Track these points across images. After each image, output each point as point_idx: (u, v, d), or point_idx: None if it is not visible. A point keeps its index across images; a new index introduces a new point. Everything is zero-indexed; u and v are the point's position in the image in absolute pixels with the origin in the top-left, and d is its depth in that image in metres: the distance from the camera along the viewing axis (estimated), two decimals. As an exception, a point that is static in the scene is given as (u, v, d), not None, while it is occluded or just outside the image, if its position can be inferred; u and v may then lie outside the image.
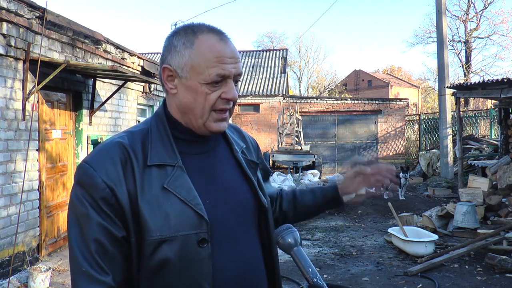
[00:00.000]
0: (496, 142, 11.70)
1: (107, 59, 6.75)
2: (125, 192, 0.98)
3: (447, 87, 11.22)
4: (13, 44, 4.67)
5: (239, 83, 1.28)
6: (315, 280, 0.93)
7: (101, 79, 6.61)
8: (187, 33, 1.06)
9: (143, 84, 8.12)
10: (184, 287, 0.99)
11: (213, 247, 1.02)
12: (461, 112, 10.68)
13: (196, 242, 0.99)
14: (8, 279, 4.36)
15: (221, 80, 1.04)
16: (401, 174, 9.78)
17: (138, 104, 8.30)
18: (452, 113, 12.78)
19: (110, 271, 0.96)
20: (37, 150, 5.20)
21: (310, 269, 0.95)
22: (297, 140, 14.41)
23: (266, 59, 20.40)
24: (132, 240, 0.99)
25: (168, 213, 0.98)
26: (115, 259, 0.97)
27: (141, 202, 0.98)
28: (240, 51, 20.94)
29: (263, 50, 22.46)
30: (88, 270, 0.94)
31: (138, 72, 7.65)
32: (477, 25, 26.78)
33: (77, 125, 6.28)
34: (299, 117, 14.78)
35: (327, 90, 43.13)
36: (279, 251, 1.14)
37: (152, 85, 8.63)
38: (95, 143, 6.49)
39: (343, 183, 1.35)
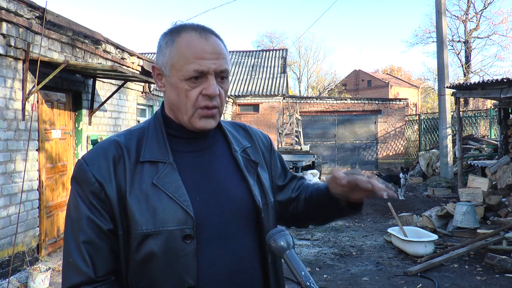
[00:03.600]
0: (496, 142, 11.71)
1: (106, 59, 6.75)
2: (114, 188, 1.02)
3: (447, 87, 11.23)
4: (12, 44, 4.67)
5: (230, 80, 1.23)
6: (308, 283, 0.93)
7: (100, 79, 6.61)
8: (172, 33, 1.09)
9: (142, 84, 8.12)
10: (169, 281, 1.02)
11: (202, 244, 1.03)
12: (460, 112, 10.69)
13: (181, 237, 1.01)
14: (7, 279, 4.36)
15: (200, 76, 1.05)
16: (400, 175, 9.79)
17: (138, 104, 8.30)
18: (452, 113, 12.78)
19: (94, 262, 1.00)
20: (36, 150, 5.19)
21: (303, 273, 0.94)
22: (297, 140, 14.41)
23: (266, 59, 20.40)
24: (120, 233, 1.03)
25: (156, 208, 1.01)
26: (101, 251, 1.01)
27: (129, 197, 1.02)
28: (239, 51, 20.98)
29: (262, 50, 22.46)
30: (74, 260, 1.00)
31: (138, 72, 7.65)
32: (476, 25, 26.79)
33: (76, 125, 6.28)
34: (299, 117, 14.78)
35: (327, 90, 43.14)
36: None
37: (152, 85, 8.62)
38: (94, 143, 6.49)
39: (333, 189, 1.17)
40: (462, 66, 27.01)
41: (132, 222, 1.01)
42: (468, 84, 8.95)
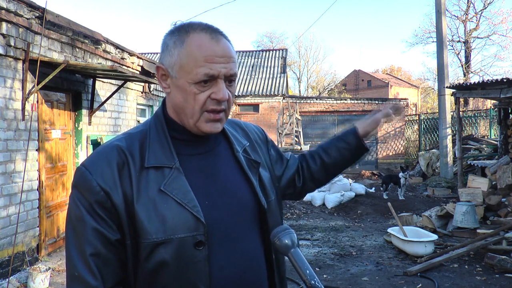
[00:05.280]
0: (496, 142, 11.71)
1: (106, 59, 6.75)
2: (121, 196, 0.99)
3: (447, 87, 11.23)
4: (12, 44, 4.67)
5: (236, 83, 1.21)
6: (312, 282, 0.93)
7: (100, 79, 6.61)
8: (180, 32, 1.04)
9: (142, 84, 8.12)
10: None
11: (213, 248, 1.02)
12: (460, 112, 10.69)
13: (193, 244, 0.99)
14: (7, 279, 4.36)
15: (210, 80, 1.02)
16: (400, 174, 9.79)
17: (138, 104, 8.30)
18: (452, 113, 12.78)
19: (102, 275, 0.97)
20: (36, 150, 5.19)
21: (307, 271, 0.94)
22: (297, 140, 14.41)
23: (266, 59, 20.39)
24: (128, 243, 0.99)
25: (165, 215, 0.98)
26: (108, 262, 0.98)
27: (137, 205, 0.98)
28: (239, 51, 20.95)
29: (262, 50, 22.46)
30: (80, 274, 0.96)
31: (138, 72, 7.65)
32: (476, 25, 26.80)
33: (76, 125, 6.28)
34: (299, 117, 14.78)
35: (327, 90, 43.14)
36: None
37: (152, 85, 8.62)
38: (94, 143, 6.49)
39: (366, 128, 1.45)
40: (462, 66, 27.01)
41: (141, 231, 0.98)
42: (468, 84, 8.94)
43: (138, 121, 8.16)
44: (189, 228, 0.99)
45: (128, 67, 7.39)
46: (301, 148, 13.75)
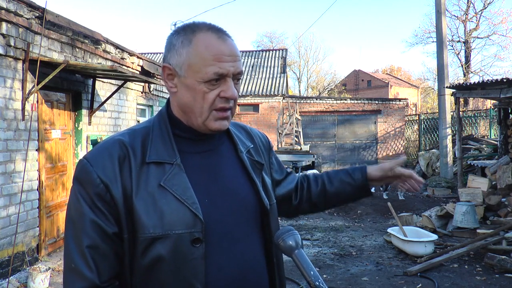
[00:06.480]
0: (496, 142, 11.70)
1: (106, 59, 6.75)
2: (120, 189, 0.99)
3: (447, 87, 11.23)
4: (12, 44, 4.67)
5: (240, 82, 1.23)
6: (317, 283, 0.93)
7: (100, 79, 6.61)
8: (186, 32, 1.05)
9: (142, 84, 8.12)
10: (177, 286, 1.00)
11: (211, 247, 1.02)
12: (460, 112, 10.69)
13: (190, 241, 0.99)
14: (7, 279, 4.36)
15: (219, 79, 1.03)
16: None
17: (138, 104, 8.30)
18: (452, 113, 12.78)
19: (98, 267, 0.97)
20: (36, 150, 5.19)
21: (312, 272, 0.94)
22: (297, 140, 14.40)
23: (266, 59, 20.40)
24: (125, 236, 1.00)
25: (163, 211, 0.99)
26: (105, 255, 0.98)
27: (135, 199, 0.99)
28: (239, 51, 20.93)
29: (262, 50, 22.47)
30: (77, 266, 0.97)
31: (138, 72, 7.64)
32: (476, 25, 26.79)
33: (76, 125, 6.28)
34: (299, 117, 14.77)
35: (327, 90, 43.14)
36: None
37: (152, 85, 8.62)
38: (94, 143, 6.49)
39: (375, 175, 1.39)
40: (462, 66, 27.01)
41: (139, 225, 0.98)
42: (468, 84, 8.95)
43: (138, 121, 8.16)
44: (186, 225, 0.99)
45: (128, 67, 7.39)
46: (301, 148, 13.75)
